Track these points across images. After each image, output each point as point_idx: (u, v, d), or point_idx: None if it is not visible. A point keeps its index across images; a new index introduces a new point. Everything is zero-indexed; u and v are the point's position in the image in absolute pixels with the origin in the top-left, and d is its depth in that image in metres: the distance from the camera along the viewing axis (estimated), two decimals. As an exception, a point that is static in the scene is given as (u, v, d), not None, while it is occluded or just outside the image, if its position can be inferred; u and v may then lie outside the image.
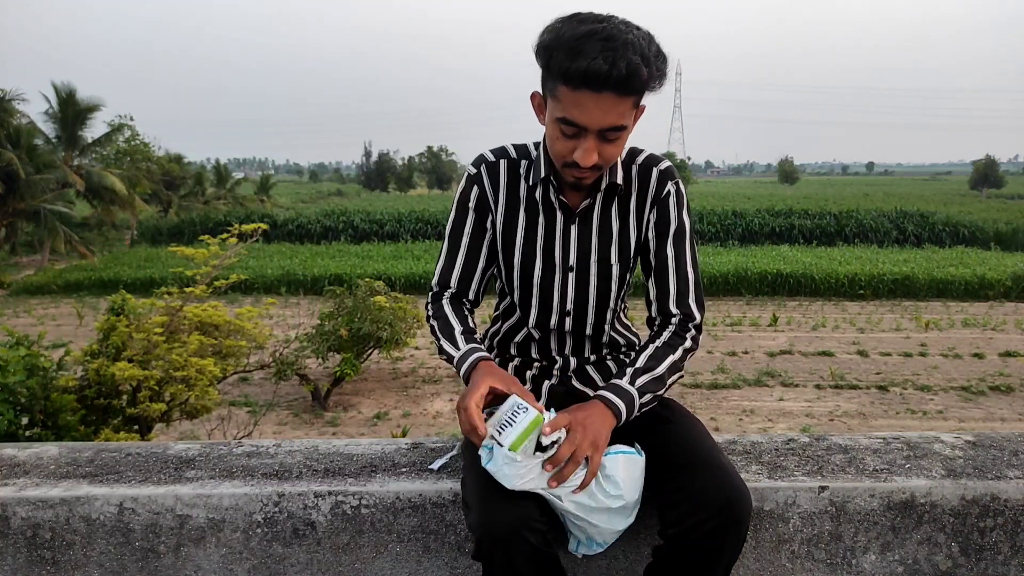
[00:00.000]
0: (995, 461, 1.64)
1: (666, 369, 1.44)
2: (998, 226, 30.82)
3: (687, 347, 1.48)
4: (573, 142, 1.35)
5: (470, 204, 1.56)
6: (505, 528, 1.26)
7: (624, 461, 1.38)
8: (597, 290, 1.55)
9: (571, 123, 1.32)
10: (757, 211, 33.34)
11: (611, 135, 1.33)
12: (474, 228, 1.56)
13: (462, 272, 1.57)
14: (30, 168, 23.08)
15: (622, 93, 1.27)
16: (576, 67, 1.25)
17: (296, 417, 10.89)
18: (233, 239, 7.44)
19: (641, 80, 1.26)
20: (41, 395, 4.93)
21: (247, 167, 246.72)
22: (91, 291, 20.54)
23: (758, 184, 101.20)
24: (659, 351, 1.46)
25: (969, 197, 57.38)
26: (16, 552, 1.49)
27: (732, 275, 20.58)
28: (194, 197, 38.26)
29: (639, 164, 1.53)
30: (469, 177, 1.56)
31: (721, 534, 1.29)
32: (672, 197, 1.52)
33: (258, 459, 1.67)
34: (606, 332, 1.61)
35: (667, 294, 1.52)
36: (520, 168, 1.55)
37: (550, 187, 1.51)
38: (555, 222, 1.53)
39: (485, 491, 1.33)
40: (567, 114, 1.31)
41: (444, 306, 1.57)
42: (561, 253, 1.53)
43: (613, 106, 1.29)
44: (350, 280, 13.48)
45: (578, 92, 1.28)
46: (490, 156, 1.56)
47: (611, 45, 1.24)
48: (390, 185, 71.32)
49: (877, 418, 10.63)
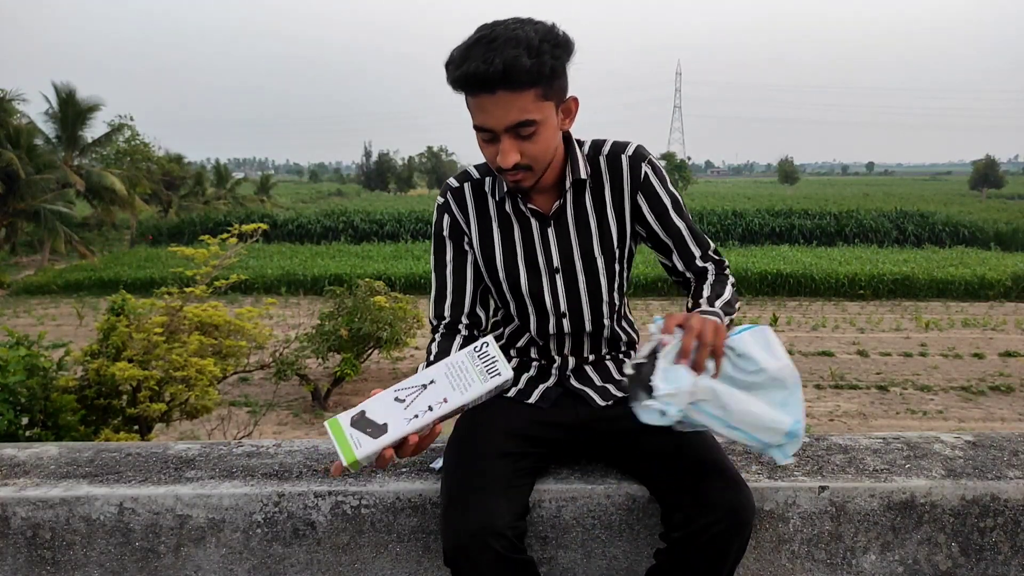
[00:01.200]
0: (995, 461, 1.64)
1: (731, 295, 1.48)
2: (998, 226, 30.82)
3: (732, 282, 1.54)
4: (494, 147, 1.36)
5: (444, 233, 1.57)
6: (467, 535, 1.26)
7: (749, 337, 1.33)
8: (588, 287, 1.55)
9: (481, 128, 1.34)
10: (757, 211, 33.33)
11: (523, 131, 1.33)
12: (455, 255, 1.57)
13: (453, 299, 1.57)
14: (30, 168, 23.08)
15: (513, 88, 1.27)
16: (459, 73, 1.28)
17: (296, 417, 10.89)
18: (233, 239, 7.43)
19: (523, 71, 1.26)
20: (41, 395, 4.93)
21: (247, 167, 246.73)
22: (91, 291, 20.53)
23: (758, 184, 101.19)
24: (716, 284, 1.49)
25: (969, 197, 57.37)
26: (16, 552, 1.49)
27: (732, 275, 20.57)
28: (194, 197, 38.25)
29: (605, 155, 1.52)
30: (439, 207, 1.58)
31: (727, 538, 1.29)
32: (652, 177, 1.52)
33: (258, 459, 1.67)
34: (606, 328, 1.60)
35: (692, 256, 1.56)
36: (485, 187, 1.55)
37: (516, 198, 1.51)
38: (531, 229, 1.53)
39: (448, 497, 1.34)
40: (475, 120, 1.34)
41: (433, 341, 1.56)
42: (544, 258, 1.53)
43: (511, 102, 1.29)
44: (350, 280, 13.47)
45: (476, 97, 1.30)
46: (453, 182, 1.58)
47: (493, 45, 1.25)
48: (390, 185, 71.33)
49: (877, 418, 10.63)
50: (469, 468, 1.39)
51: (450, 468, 1.43)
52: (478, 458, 1.40)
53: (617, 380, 1.61)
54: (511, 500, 1.33)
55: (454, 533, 1.27)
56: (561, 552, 1.51)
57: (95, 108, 26.32)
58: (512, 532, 1.28)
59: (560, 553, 1.51)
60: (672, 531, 1.34)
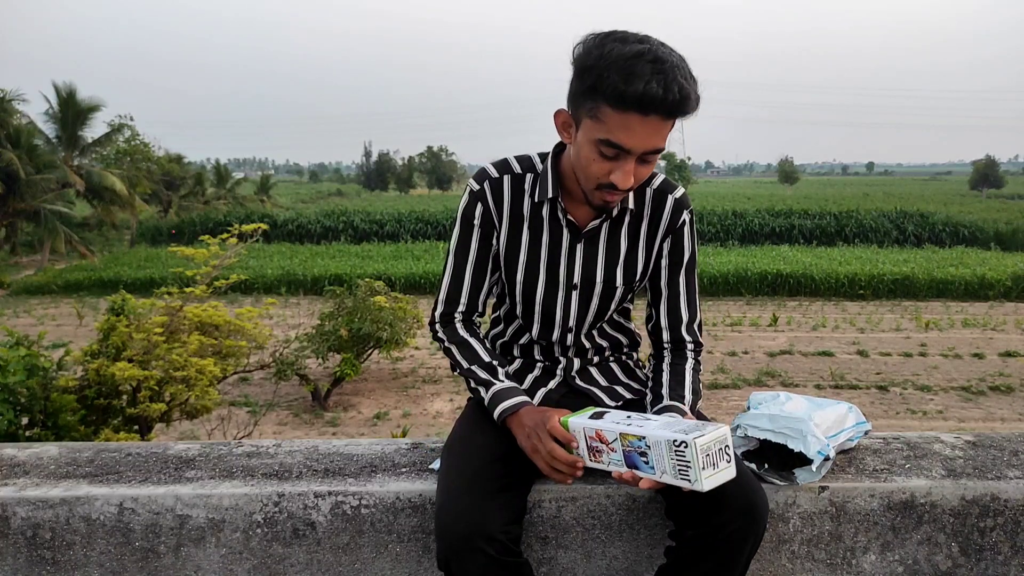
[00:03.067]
0: (995, 461, 1.64)
1: (700, 389, 1.55)
2: (998, 226, 30.83)
3: (700, 370, 1.58)
4: (610, 164, 1.31)
5: (475, 221, 1.52)
6: (459, 539, 1.25)
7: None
8: (599, 307, 1.55)
9: (614, 145, 1.28)
10: (757, 211, 33.36)
11: (649, 157, 1.32)
12: (480, 246, 1.54)
13: (471, 288, 1.55)
14: (30, 168, 23.09)
15: (669, 116, 1.25)
16: (632, 90, 1.20)
17: (296, 417, 10.89)
18: (233, 239, 7.44)
19: (691, 104, 1.25)
20: (41, 395, 4.94)
21: (247, 167, 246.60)
22: (91, 291, 20.54)
23: (758, 184, 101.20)
24: (695, 377, 1.54)
25: (969, 197, 57.38)
26: (16, 552, 1.49)
27: (732, 275, 20.58)
28: (194, 197, 38.25)
29: (654, 188, 1.52)
30: (472, 193, 1.52)
31: (742, 536, 1.29)
32: (687, 227, 1.54)
33: (258, 459, 1.67)
34: (609, 335, 1.63)
35: (680, 321, 1.56)
36: (525, 183, 1.51)
37: (558, 205, 1.49)
38: (560, 240, 1.51)
39: (441, 501, 1.34)
40: (611, 136, 1.27)
41: (458, 330, 1.55)
42: (565, 272, 1.52)
43: (658, 129, 1.27)
44: (350, 280, 13.48)
45: (626, 115, 1.24)
46: (493, 171, 1.52)
47: (661, 68, 1.21)
48: (390, 185, 71.31)
49: (877, 418, 10.62)
50: (462, 471, 1.38)
51: (444, 471, 1.43)
52: (472, 461, 1.40)
53: (624, 382, 1.63)
54: (505, 503, 1.32)
55: (446, 537, 1.27)
56: (561, 552, 1.51)
57: (95, 108, 26.33)
58: (506, 536, 1.27)
59: (560, 553, 1.51)
60: (687, 529, 1.34)
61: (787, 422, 1.50)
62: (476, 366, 1.51)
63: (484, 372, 1.50)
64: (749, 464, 1.52)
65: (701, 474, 1.18)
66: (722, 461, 1.21)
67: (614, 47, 1.23)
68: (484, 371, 1.50)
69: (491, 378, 1.48)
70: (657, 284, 1.56)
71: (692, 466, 1.19)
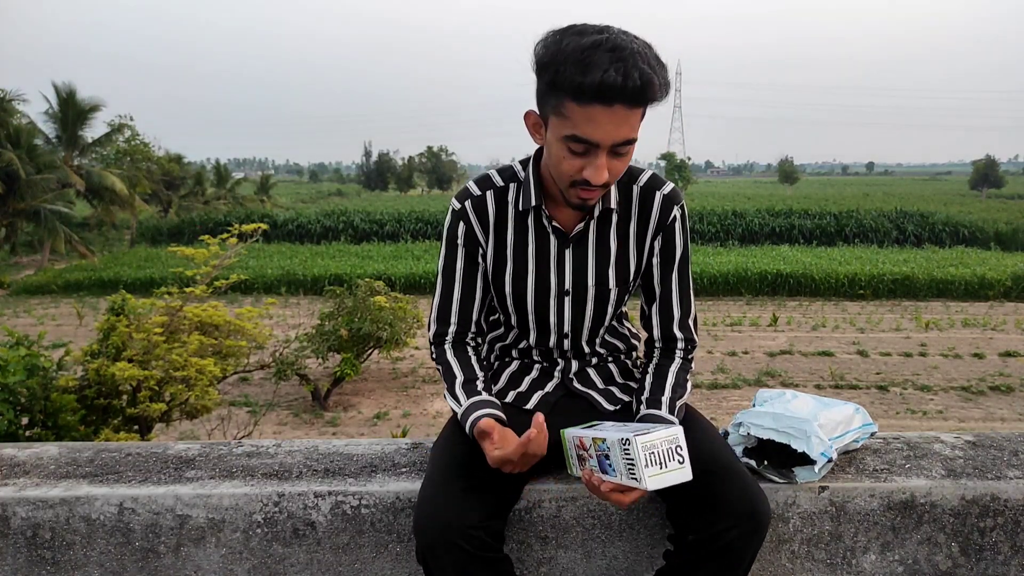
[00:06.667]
0: (995, 461, 1.64)
1: (688, 391, 1.50)
2: (998, 226, 30.85)
3: (692, 368, 1.55)
4: (582, 160, 1.28)
5: (458, 241, 1.50)
6: (435, 534, 1.25)
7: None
8: (594, 312, 1.53)
9: (581, 140, 1.25)
10: (757, 211, 33.35)
11: (621, 149, 1.28)
12: (466, 264, 1.52)
13: (460, 308, 1.53)
14: (30, 168, 23.09)
15: (634, 104, 1.22)
16: (589, 80, 1.17)
17: (296, 417, 10.89)
18: (233, 239, 7.43)
19: (654, 90, 1.21)
20: (41, 395, 4.93)
21: (247, 167, 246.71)
22: (91, 291, 20.55)
23: (758, 184, 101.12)
24: (680, 376, 1.50)
25: (969, 197, 57.40)
26: (16, 552, 1.49)
27: (732, 275, 20.58)
28: (194, 197, 38.26)
29: (641, 186, 1.48)
30: (454, 213, 1.50)
31: (744, 541, 1.28)
32: (677, 223, 1.50)
33: (258, 459, 1.67)
34: (607, 338, 1.62)
35: (672, 319, 1.53)
36: (508, 195, 1.50)
37: (541, 211, 1.47)
38: (548, 247, 1.49)
39: (420, 496, 1.34)
40: (577, 131, 1.24)
41: (446, 352, 1.54)
42: (556, 279, 1.50)
43: (625, 119, 1.23)
44: (350, 280, 13.47)
45: (588, 107, 1.21)
46: (475, 189, 1.50)
47: (620, 55, 1.17)
48: (390, 185, 71.30)
49: (877, 418, 10.61)
50: (442, 467, 1.39)
51: (427, 468, 1.44)
52: (452, 457, 1.41)
53: (620, 383, 1.62)
54: (484, 499, 1.32)
55: (423, 531, 1.27)
56: (561, 552, 1.51)
57: (95, 108, 26.35)
58: (484, 531, 1.27)
59: (560, 553, 1.51)
60: (688, 534, 1.33)
61: (791, 422, 1.50)
62: (454, 387, 1.49)
63: (460, 393, 1.47)
64: (748, 461, 1.53)
65: (644, 472, 1.18)
66: (672, 461, 1.19)
67: (571, 40, 1.21)
68: (460, 393, 1.47)
69: (464, 398, 1.46)
70: (650, 283, 1.54)
71: (636, 464, 1.19)
